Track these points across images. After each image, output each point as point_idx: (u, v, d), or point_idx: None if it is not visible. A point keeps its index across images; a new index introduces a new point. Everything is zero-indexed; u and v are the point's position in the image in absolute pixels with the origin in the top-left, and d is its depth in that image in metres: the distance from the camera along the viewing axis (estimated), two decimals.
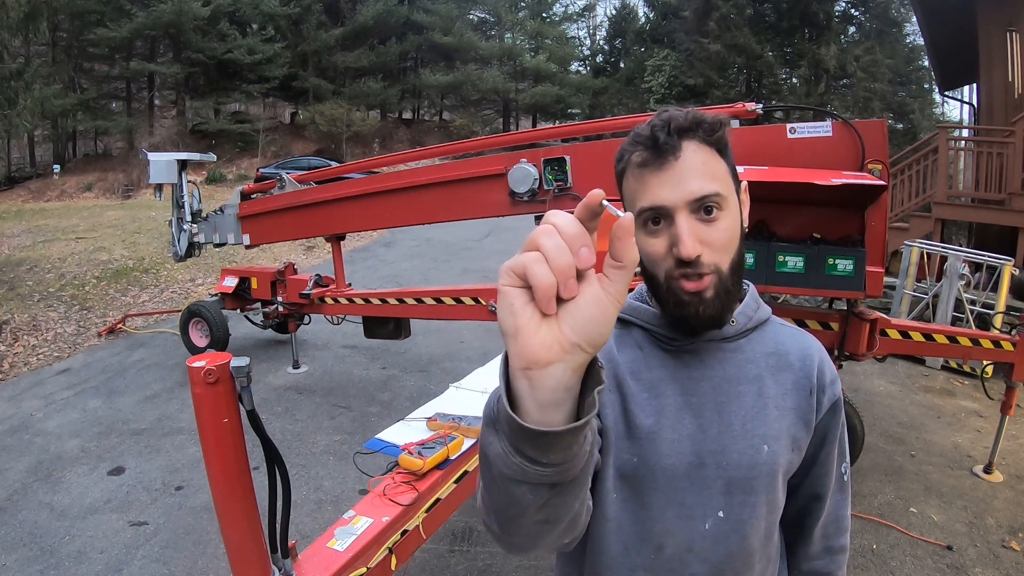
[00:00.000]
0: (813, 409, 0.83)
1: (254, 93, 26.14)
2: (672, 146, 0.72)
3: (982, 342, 3.28)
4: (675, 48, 26.42)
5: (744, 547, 0.79)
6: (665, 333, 0.83)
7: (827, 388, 0.84)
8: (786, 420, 0.81)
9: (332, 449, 3.74)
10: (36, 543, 2.86)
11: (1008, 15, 7.53)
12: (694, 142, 0.73)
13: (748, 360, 0.82)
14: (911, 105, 23.56)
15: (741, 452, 0.78)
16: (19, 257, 9.14)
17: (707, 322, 0.77)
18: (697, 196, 0.72)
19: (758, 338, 0.84)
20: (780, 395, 0.81)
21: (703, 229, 0.73)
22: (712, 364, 0.81)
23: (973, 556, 2.73)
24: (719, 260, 0.74)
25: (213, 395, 1.26)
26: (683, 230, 0.71)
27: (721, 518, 0.78)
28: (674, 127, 0.73)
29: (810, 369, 0.83)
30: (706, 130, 0.74)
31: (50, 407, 4.50)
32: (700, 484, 0.78)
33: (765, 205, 2.91)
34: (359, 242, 11.38)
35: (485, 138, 4.48)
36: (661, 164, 0.73)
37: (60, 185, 21.29)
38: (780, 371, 0.83)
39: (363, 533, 1.52)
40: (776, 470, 0.79)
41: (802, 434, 0.82)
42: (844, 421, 0.89)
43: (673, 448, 0.78)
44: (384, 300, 4.34)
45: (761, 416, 0.80)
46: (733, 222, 0.75)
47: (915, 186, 7.91)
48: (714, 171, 0.73)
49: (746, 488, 0.79)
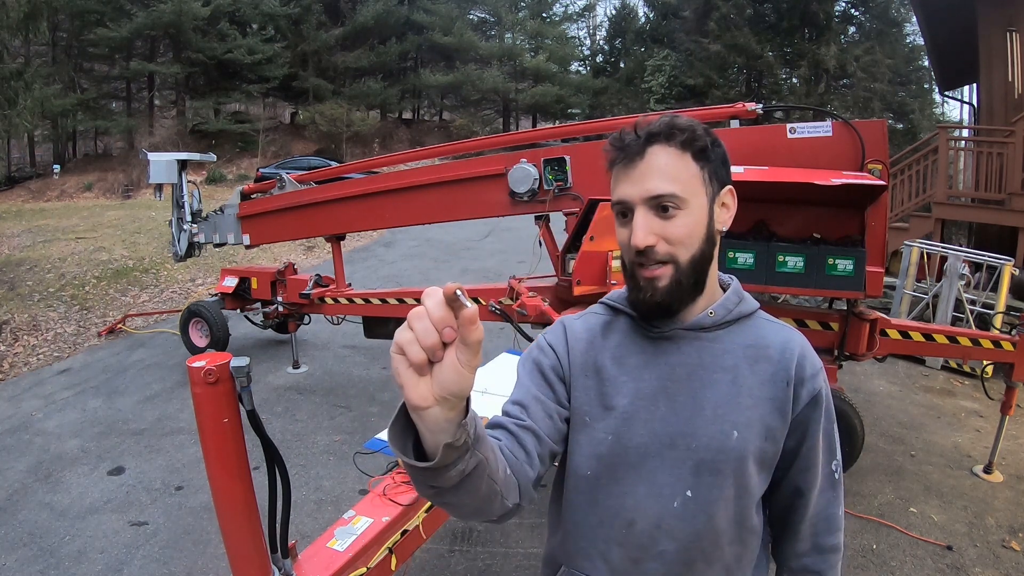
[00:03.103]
0: (789, 400, 0.84)
1: (254, 93, 26.14)
2: (636, 148, 0.81)
3: (982, 342, 3.28)
4: (675, 48, 26.41)
5: (711, 527, 0.83)
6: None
7: (806, 381, 0.85)
8: (760, 409, 0.84)
9: (332, 449, 3.73)
10: (36, 543, 2.86)
11: (1008, 15, 7.53)
12: (661, 145, 0.81)
13: (725, 350, 0.86)
14: (911, 105, 23.54)
15: (711, 436, 0.82)
16: (19, 257, 9.14)
17: (655, 308, 0.84)
18: (652, 194, 0.80)
19: (738, 330, 0.88)
20: (756, 385, 0.84)
21: (659, 224, 0.80)
22: (689, 352, 0.86)
23: (973, 556, 2.72)
24: (676, 252, 0.81)
25: (213, 395, 1.25)
26: (637, 223, 0.80)
27: (689, 497, 0.83)
28: (643, 132, 0.81)
29: (789, 361, 0.85)
30: (672, 135, 0.81)
31: (50, 407, 4.50)
32: (670, 463, 0.83)
33: (765, 205, 2.91)
34: (359, 242, 11.38)
35: (485, 138, 4.49)
36: (627, 164, 0.82)
37: (60, 185, 21.30)
38: (758, 362, 0.85)
39: (363, 533, 1.52)
40: (745, 455, 0.83)
41: (777, 424, 0.84)
42: (831, 417, 0.89)
43: (647, 428, 0.84)
44: (384, 300, 4.34)
45: (733, 403, 0.83)
46: (693, 220, 0.81)
47: (915, 186, 7.91)
48: (676, 174, 0.80)
49: (714, 470, 0.82)
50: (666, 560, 0.84)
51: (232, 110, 27.32)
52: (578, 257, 3.17)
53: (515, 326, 3.39)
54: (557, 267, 3.65)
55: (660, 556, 0.84)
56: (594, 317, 0.95)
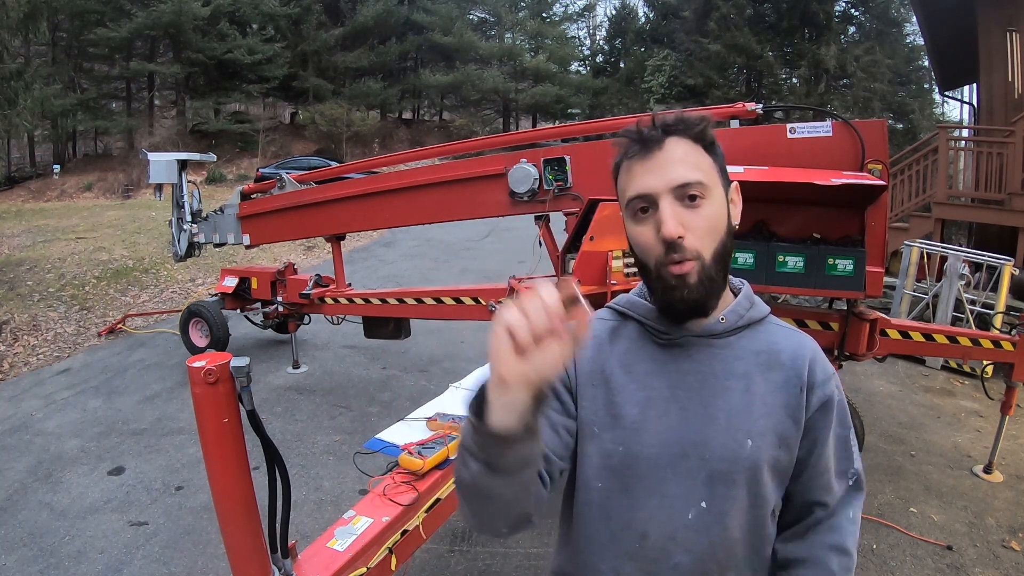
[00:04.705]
0: (802, 407, 0.83)
1: (254, 93, 26.14)
2: (656, 138, 0.79)
3: (982, 342, 3.28)
4: (675, 48, 26.41)
5: (726, 538, 0.81)
6: (656, 326, 0.86)
7: (818, 386, 0.84)
8: (774, 417, 0.82)
9: (332, 449, 3.73)
10: (36, 543, 2.86)
11: (1008, 15, 7.53)
12: (677, 137, 0.79)
13: (736, 357, 0.84)
14: (911, 105, 23.54)
15: (724, 445, 0.80)
16: (19, 257, 9.13)
17: (691, 307, 0.80)
18: (679, 183, 0.77)
19: (750, 336, 0.86)
20: (768, 392, 0.83)
21: (686, 214, 0.77)
22: (700, 359, 0.84)
23: (973, 556, 2.72)
24: (701, 246, 0.78)
25: (213, 395, 1.25)
26: (666, 212, 0.77)
27: (704, 508, 0.81)
28: (659, 122, 0.80)
29: (801, 367, 0.84)
30: (689, 127, 0.80)
31: (50, 407, 4.50)
32: (683, 474, 0.81)
33: (765, 205, 2.90)
34: (359, 242, 11.38)
35: (485, 138, 4.48)
36: (646, 155, 0.79)
37: (60, 185, 21.29)
38: (770, 369, 0.84)
39: (363, 533, 1.52)
40: (759, 465, 0.81)
41: (791, 431, 0.83)
42: (846, 423, 0.87)
43: (657, 438, 0.81)
44: (384, 300, 4.33)
45: (746, 411, 0.81)
46: (717, 211, 0.80)
47: (915, 186, 7.91)
48: (697, 162, 0.79)
49: (728, 480, 0.80)
50: (680, 572, 0.82)
51: (232, 110, 27.32)
52: (578, 257, 3.17)
53: None
54: (557, 267, 3.65)
55: (674, 569, 0.82)
56: (600, 323, 0.93)
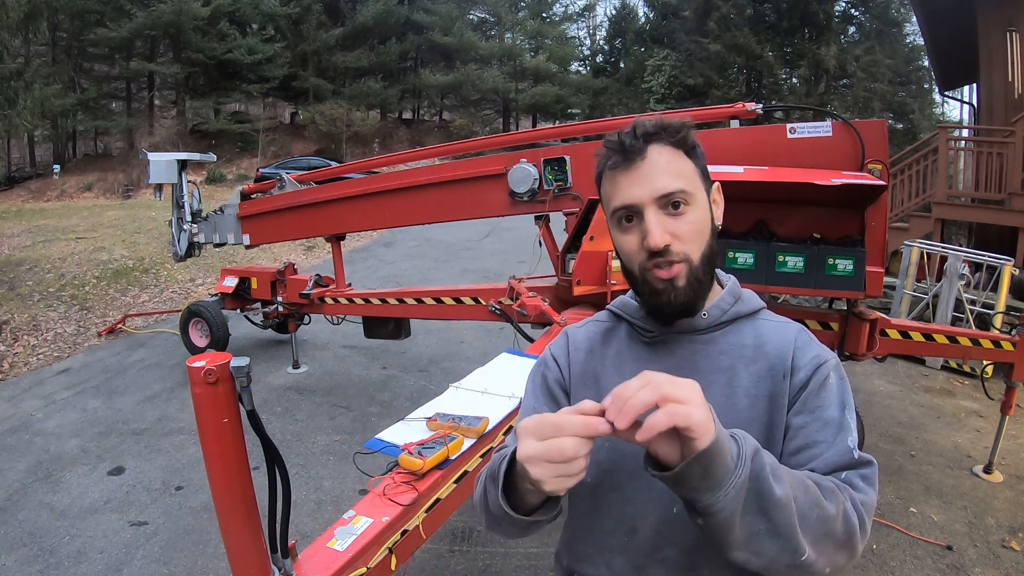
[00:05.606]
0: (786, 392, 0.81)
1: (254, 93, 26.15)
2: (638, 148, 0.80)
3: (982, 342, 3.28)
4: (675, 48, 26.41)
5: None
6: (642, 325, 0.89)
7: (801, 368, 0.81)
8: (759, 408, 0.82)
9: (332, 449, 3.73)
10: (36, 543, 2.86)
11: (1008, 15, 7.53)
12: (659, 145, 0.80)
13: (721, 351, 0.85)
14: (911, 105, 23.54)
15: None
16: (19, 257, 9.13)
17: (680, 309, 0.82)
18: (663, 192, 0.78)
19: (736, 331, 0.86)
20: (752, 383, 0.82)
21: (671, 222, 0.79)
22: (683, 355, 0.85)
23: (973, 556, 2.72)
24: (688, 250, 0.80)
25: (213, 395, 1.25)
26: (651, 223, 0.78)
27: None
28: (639, 132, 0.80)
29: (785, 354, 0.83)
30: (670, 133, 0.80)
31: (50, 407, 4.50)
32: None
33: (765, 205, 2.91)
34: (359, 242, 11.38)
35: (485, 138, 4.49)
36: (629, 165, 0.80)
37: (60, 185, 21.28)
38: (755, 361, 0.84)
39: (363, 533, 1.51)
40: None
41: (778, 420, 0.82)
42: (840, 403, 0.80)
43: None
44: (384, 300, 4.33)
45: (729, 405, 0.81)
46: (701, 215, 0.81)
47: (915, 186, 7.91)
48: (679, 170, 0.80)
49: None
50: (669, 565, 0.83)
51: (232, 110, 27.32)
52: (578, 257, 3.17)
53: (515, 326, 3.39)
54: (557, 267, 3.65)
55: (663, 563, 0.83)
56: (596, 325, 0.96)
